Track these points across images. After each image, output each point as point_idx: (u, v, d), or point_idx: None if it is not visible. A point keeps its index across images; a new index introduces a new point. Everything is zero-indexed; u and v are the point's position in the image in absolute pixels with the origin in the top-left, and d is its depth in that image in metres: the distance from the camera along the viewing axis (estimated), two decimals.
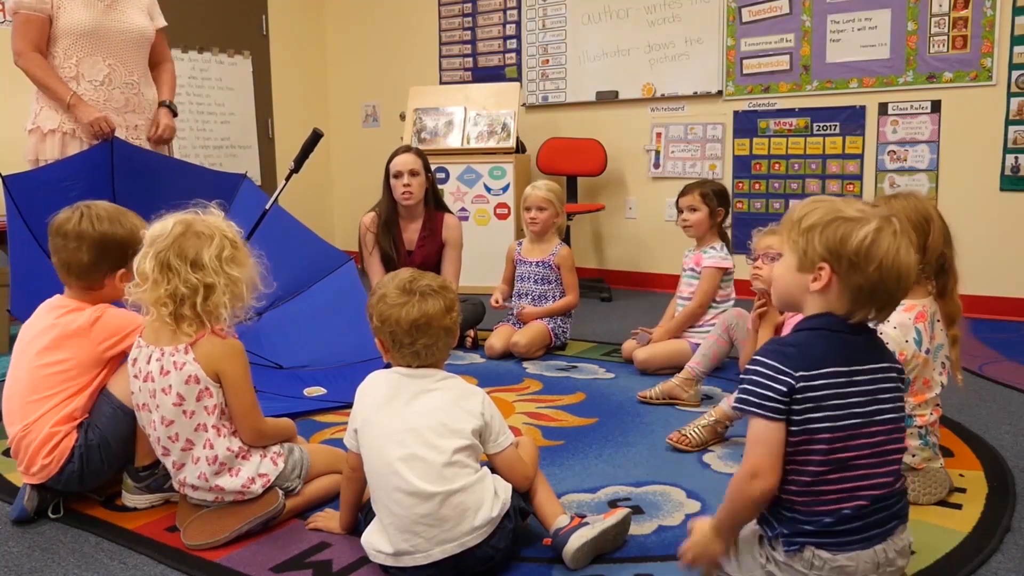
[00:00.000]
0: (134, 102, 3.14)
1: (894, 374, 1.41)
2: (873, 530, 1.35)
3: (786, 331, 2.37)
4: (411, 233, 3.62)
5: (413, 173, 3.50)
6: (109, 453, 1.91)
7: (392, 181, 3.53)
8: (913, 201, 1.85)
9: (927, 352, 1.84)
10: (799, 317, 1.43)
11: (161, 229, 1.77)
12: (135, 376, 1.82)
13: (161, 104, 3.25)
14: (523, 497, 1.70)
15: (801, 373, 1.32)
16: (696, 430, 2.31)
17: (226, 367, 1.78)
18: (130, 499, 1.96)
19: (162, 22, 3.28)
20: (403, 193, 3.50)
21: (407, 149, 3.58)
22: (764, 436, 1.35)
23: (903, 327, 1.81)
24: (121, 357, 1.93)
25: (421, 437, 1.56)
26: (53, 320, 1.93)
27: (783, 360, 1.34)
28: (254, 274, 1.84)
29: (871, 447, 1.35)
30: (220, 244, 1.77)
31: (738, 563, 1.44)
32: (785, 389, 1.32)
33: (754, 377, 1.36)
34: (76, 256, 1.92)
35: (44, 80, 2.96)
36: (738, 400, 1.38)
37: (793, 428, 1.33)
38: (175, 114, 3.29)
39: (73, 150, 2.99)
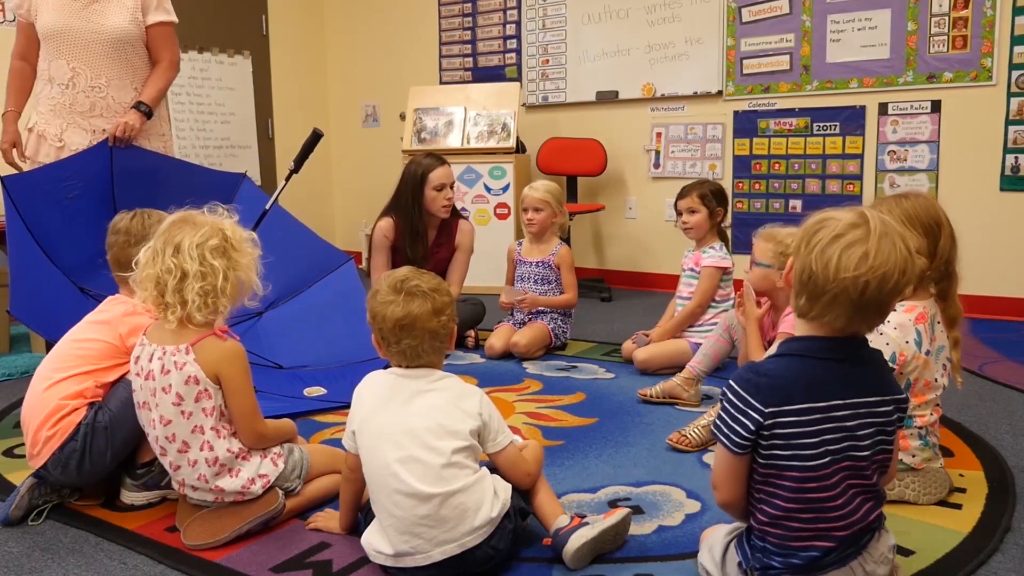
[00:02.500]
0: (101, 106, 2.99)
1: (886, 408, 1.34)
2: (847, 550, 1.34)
3: (782, 327, 2.38)
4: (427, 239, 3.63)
5: (452, 185, 3.55)
6: (115, 439, 1.89)
7: (432, 193, 3.50)
8: (924, 202, 1.82)
9: (927, 353, 1.84)
10: (793, 317, 1.43)
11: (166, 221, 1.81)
12: (137, 374, 1.81)
13: (134, 106, 2.99)
14: (523, 497, 1.70)
15: (771, 409, 1.28)
16: (696, 430, 2.31)
17: (226, 369, 1.77)
18: (127, 496, 1.97)
19: (158, 18, 3.06)
20: (445, 206, 3.53)
21: (441, 161, 3.56)
22: (725, 463, 1.36)
23: (903, 328, 1.81)
24: None
25: (419, 439, 1.55)
26: (98, 309, 2.04)
27: (754, 392, 1.30)
28: (248, 274, 1.81)
29: (840, 485, 1.31)
30: (207, 234, 1.76)
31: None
32: (752, 426, 1.29)
33: (726, 405, 1.34)
34: (125, 251, 2.02)
35: (7, 86, 3.02)
36: (713, 424, 1.38)
37: (760, 461, 1.32)
38: (148, 116, 3.00)
39: (44, 150, 2.97)
